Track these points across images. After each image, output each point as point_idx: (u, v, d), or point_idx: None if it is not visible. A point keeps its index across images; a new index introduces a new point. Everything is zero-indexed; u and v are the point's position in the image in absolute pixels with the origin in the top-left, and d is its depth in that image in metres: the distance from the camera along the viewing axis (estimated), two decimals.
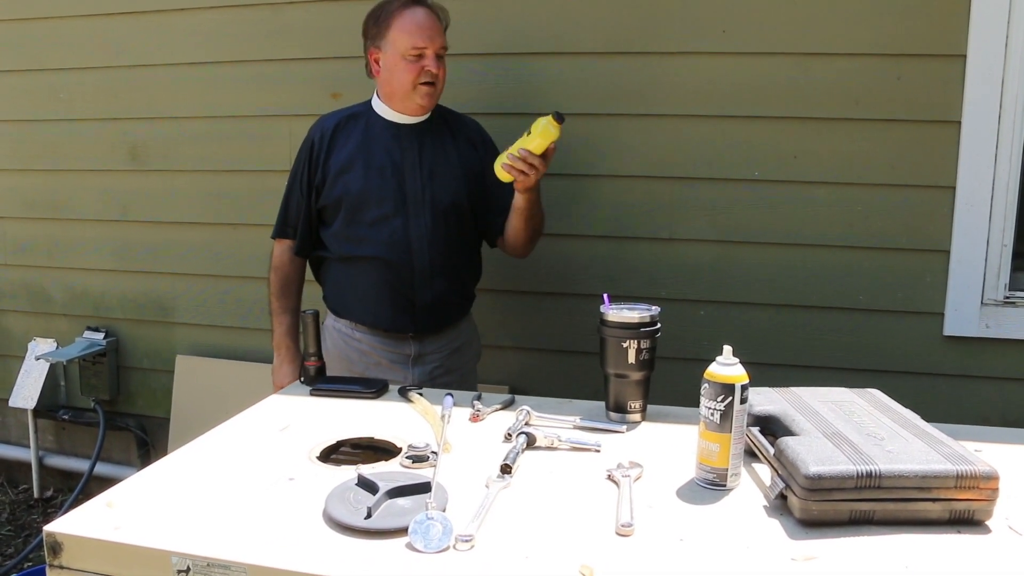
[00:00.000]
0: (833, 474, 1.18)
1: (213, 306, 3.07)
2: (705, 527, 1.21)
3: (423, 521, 1.15)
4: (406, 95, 2.14)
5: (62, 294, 3.27)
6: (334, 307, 2.29)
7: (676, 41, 2.48)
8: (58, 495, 3.41)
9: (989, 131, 2.31)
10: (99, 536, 1.18)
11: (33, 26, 3.10)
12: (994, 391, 2.42)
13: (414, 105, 2.15)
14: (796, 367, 2.50)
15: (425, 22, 2.10)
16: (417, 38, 2.09)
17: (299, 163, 2.25)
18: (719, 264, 2.55)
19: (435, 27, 2.12)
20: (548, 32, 2.57)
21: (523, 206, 2.15)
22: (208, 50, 2.90)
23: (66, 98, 3.11)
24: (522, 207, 2.16)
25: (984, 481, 1.18)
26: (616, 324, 1.62)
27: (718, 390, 1.31)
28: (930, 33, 2.32)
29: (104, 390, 3.20)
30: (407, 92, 2.13)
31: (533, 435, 1.52)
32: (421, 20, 2.10)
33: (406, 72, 2.10)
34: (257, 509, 1.26)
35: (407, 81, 2.11)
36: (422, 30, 2.09)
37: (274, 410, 1.75)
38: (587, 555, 1.12)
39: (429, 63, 2.10)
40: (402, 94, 2.15)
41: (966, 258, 2.38)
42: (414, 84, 2.11)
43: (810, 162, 2.45)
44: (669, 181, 2.55)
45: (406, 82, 2.11)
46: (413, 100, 2.14)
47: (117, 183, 3.10)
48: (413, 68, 2.10)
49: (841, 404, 1.48)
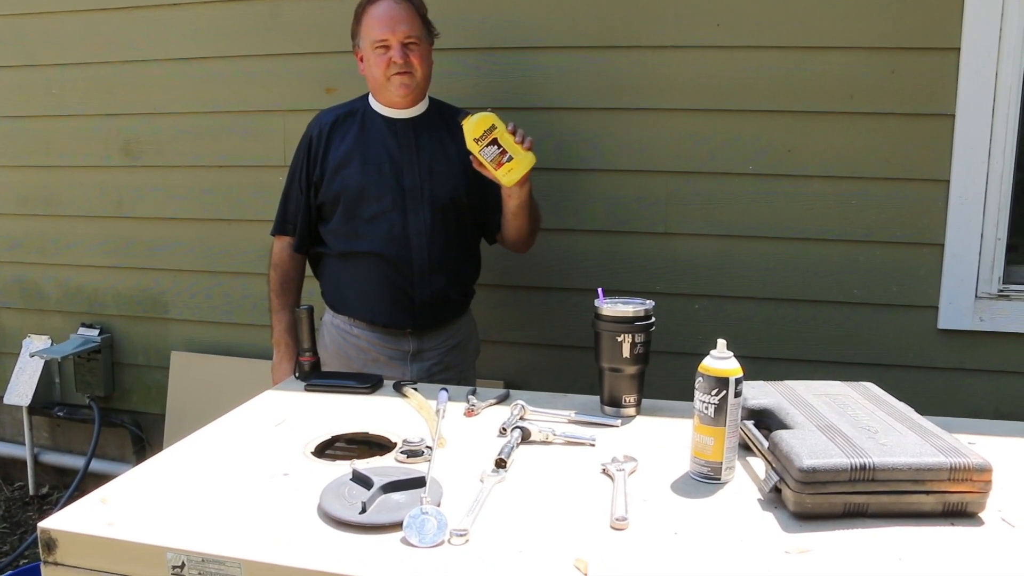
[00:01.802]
0: (827, 467, 1.18)
1: (207, 302, 3.07)
2: (699, 520, 1.21)
3: (418, 516, 1.15)
4: (382, 87, 2.16)
5: (56, 291, 3.26)
6: (332, 303, 2.29)
7: (670, 35, 2.48)
8: (53, 492, 3.41)
9: (983, 124, 2.32)
10: (94, 532, 1.18)
11: (26, 21, 3.09)
12: (988, 384, 2.43)
13: (393, 97, 2.16)
14: (791, 360, 2.51)
15: (386, 13, 2.12)
16: (377, 30, 2.11)
17: (297, 159, 2.25)
18: (714, 258, 2.55)
19: (398, 17, 2.12)
20: (542, 26, 2.56)
21: (511, 209, 2.16)
22: (202, 45, 2.90)
23: (59, 93, 3.10)
24: (511, 209, 2.16)
25: (977, 473, 1.19)
26: (610, 318, 1.62)
27: (712, 384, 1.31)
28: (924, 26, 2.32)
29: (99, 387, 3.20)
30: (382, 84, 2.15)
31: (528, 430, 1.52)
32: (382, 12, 2.12)
33: (376, 65, 2.13)
34: (252, 504, 1.26)
35: (379, 74, 2.13)
36: (382, 22, 2.11)
37: (269, 406, 1.75)
38: (582, 549, 1.12)
39: (394, 53, 2.10)
40: (379, 87, 2.17)
41: (960, 251, 2.39)
42: (386, 76, 2.12)
43: (804, 156, 2.45)
44: (664, 175, 2.55)
45: (378, 75, 2.13)
46: (389, 91, 2.15)
47: (111, 179, 3.09)
48: (381, 60, 2.12)
49: (835, 397, 1.48)
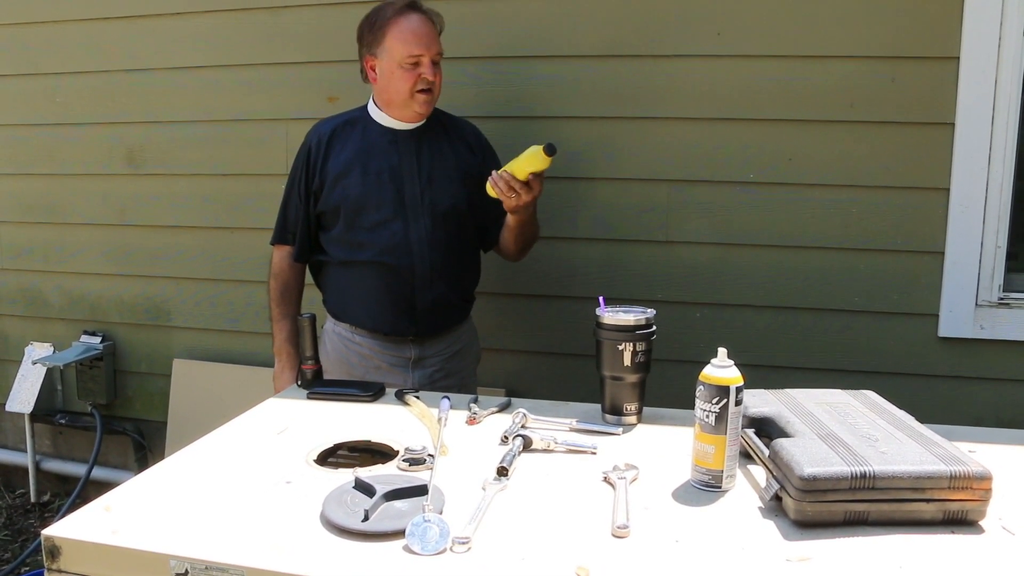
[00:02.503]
0: (827, 475, 1.18)
1: (210, 310, 3.07)
2: (701, 528, 1.22)
3: (420, 523, 1.16)
4: (404, 103, 2.13)
5: (59, 298, 3.27)
6: (334, 311, 2.28)
7: (671, 44, 2.49)
8: (55, 499, 3.41)
9: (983, 133, 2.32)
10: (97, 540, 1.18)
11: (29, 30, 3.10)
12: (988, 392, 2.43)
13: (412, 113, 2.15)
14: (792, 368, 2.51)
15: (421, 29, 2.09)
16: (413, 46, 2.07)
17: (296, 169, 2.24)
18: (715, 266, 2.56)
19: (431, 34, 2.11)
20: (544, 35, 2.57)
21: (512, 225, 2.16)
22: (205, 54, 2.91)
23: (63, 102, 3.11)
24: (511, 225, 2.17)
25: (977, 481, 1.19)
26: (611, 327, 1.63)
27: (713, 392, 1.32)
28: (924, 35, 2.33)
29: (101, 394, 3.20)
30: (405, 100, 2.12)
31: (529, 437, 1.52)
32: (416, 27, 2.08)
33: (403, 80, 2.09)
34: (255, 512, 1.27)
35: (404, 89, 2.10)
36: (418, 38, 2.08)
37: (271, 413, 1.75)
38: (583, 557, 1.12)
39: (426, 71, 2.08)
40: (400, 102, 2.13)
41: (960, 259, 2.39)
42: (411, 92, 2.09)
43: (805, 164, 2.45)
44: (665, 184, 2.55)
45: (403, 90, 2.10)
46: (411, 108, 2.13)
47: (114, 187, 3.10)
48: (410, 76, 2.08)
49: (836, 406, 1.48)
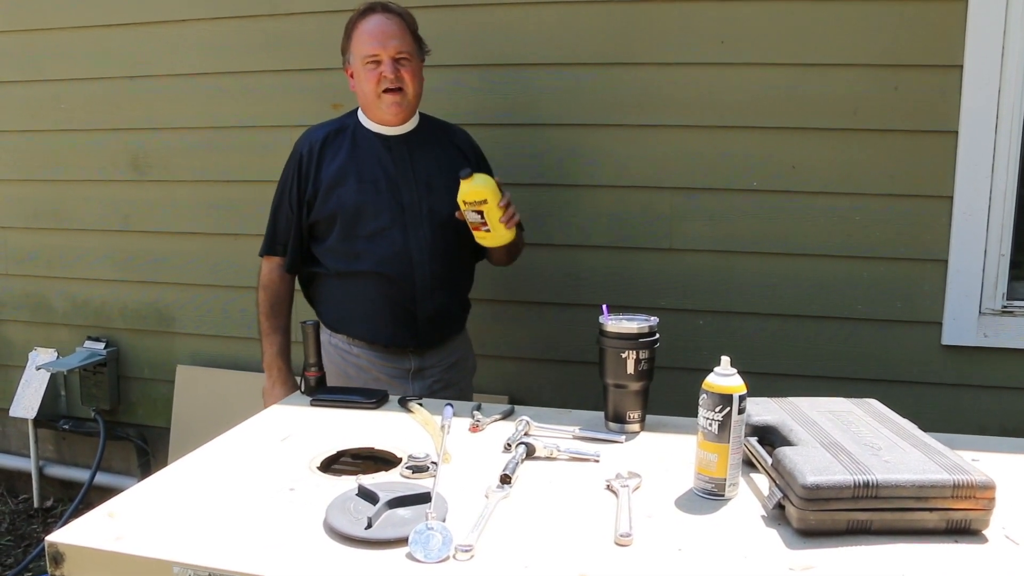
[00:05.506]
0: (830, 484, 1.18)
1: (213, 316, 3.08)
2: (703, 537, 1.22)
3: (423, 531, 1.16)
4: (373, 104, 2.14)
5: (63, 304, 3.28)
6: (330, 322, 2.24)
7: (674, 52, 2.50)
8: (58, 505, 3.41)
9: (986, 141, 2.33)
10: (101, 546, 1.18)
11: (34, 37, 3.12)
12: (992, 400, 2.43)
13: (384, 114, 2.14)
14: (795, 376, 2.51)
15: (377, 28, 2.10)
16: (368, 46, 2.09)
17: (287, 178, 2.21)
18: (718, 274, 2.56)
19: (388, 32, 2.10)
20: (546, 43, 2.58)
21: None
22: (209, 61, 2.92)
23: (67, 108, 3.12)
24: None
25: (981, 491, 1.19)
26: (615, 335, 1.62)
27: (716, 400, 1.32)
28: (927, 43, 2.34)
29: (104, 400, 3.21)
30: (373, 101, 2.13)
31: (532, 445, 1.52)
32: (373, 28, 2.10)
33: (367, 81, 2.11)
34: (258, 519, 1.27)
35: (370, 90, 2.11)
36: (374, 37, 2.09)
37: (274, 420, 1.75)
38: (586, 565, 1.13)
39: (385, 69, 2.09)
40: (369, 104, 2.15)
41: (964, 268, 2.39)
42: (376, 93, 2.10)
43: (808, 172, 2.46)
44: (668, 191, 2.56)
45: (369, 91, 2.11)
46: (380, 109, 2.13)
47: (118, 193, 3.11)
48: (372, 76, 2.10)
49: (839, 414, 1.48)
